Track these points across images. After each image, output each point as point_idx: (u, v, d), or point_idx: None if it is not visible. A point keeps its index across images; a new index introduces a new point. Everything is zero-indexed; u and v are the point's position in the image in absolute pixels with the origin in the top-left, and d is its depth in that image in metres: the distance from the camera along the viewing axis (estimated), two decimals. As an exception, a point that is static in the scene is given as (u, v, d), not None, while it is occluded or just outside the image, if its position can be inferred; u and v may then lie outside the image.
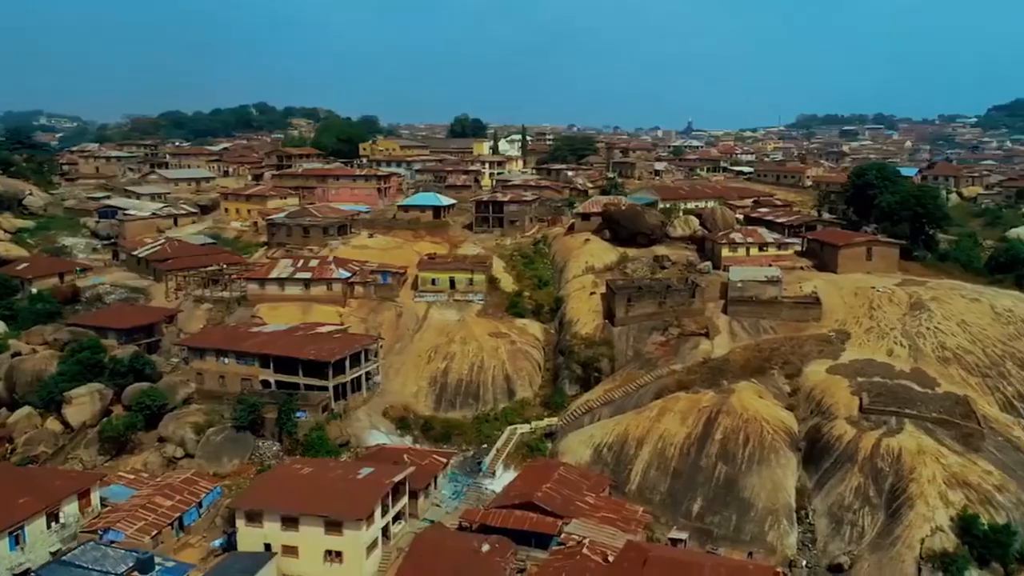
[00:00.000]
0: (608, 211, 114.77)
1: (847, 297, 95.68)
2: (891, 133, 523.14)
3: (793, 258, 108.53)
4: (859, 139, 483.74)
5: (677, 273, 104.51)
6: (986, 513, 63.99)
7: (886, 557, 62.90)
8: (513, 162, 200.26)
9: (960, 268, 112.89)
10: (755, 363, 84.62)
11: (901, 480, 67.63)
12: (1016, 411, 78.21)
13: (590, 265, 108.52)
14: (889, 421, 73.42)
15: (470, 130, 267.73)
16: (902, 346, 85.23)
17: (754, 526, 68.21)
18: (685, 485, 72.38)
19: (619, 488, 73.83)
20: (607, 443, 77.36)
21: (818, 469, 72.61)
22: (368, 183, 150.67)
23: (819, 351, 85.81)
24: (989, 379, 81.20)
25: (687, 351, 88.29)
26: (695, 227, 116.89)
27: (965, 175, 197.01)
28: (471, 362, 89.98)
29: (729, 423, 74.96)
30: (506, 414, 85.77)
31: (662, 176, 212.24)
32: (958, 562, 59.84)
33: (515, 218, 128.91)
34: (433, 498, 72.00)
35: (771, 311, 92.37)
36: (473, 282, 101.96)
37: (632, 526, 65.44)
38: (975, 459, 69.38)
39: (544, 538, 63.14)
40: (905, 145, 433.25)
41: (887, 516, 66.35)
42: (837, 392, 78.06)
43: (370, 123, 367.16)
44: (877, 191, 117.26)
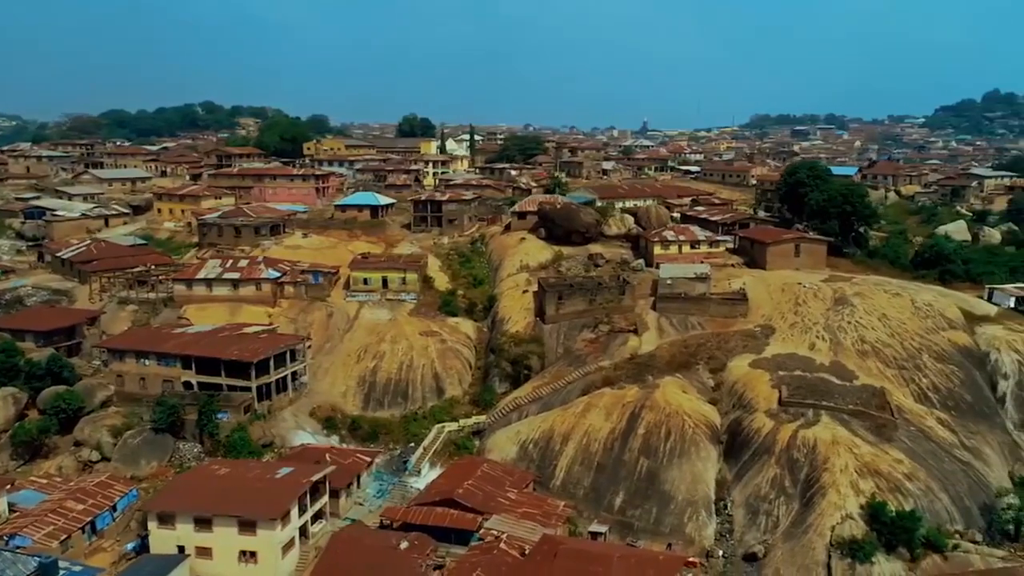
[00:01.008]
0: (543, 210, 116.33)
1: (774, 293, 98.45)
2: (841, 133, 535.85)
3: (725, 255, 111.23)
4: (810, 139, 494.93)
5: (611, 271, 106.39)
6: (895, 500, 66.67)
7: (798, 545, 65.17)
8: (459, 161, 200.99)
9: (888, 264, 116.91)
10: (681, 358, 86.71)
11: (815, 470, 70.11)
12: (930, 402, 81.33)
13: (525, 263, 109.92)
14: (807, 413, 75.98)
15: (419, 129, 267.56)
16: (824, 340, 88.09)
17: (674, 518, 70.06)
18: (608, 479, 73.97)
19: (544, 484, 75.11)
20: (533, 439, 78.67)
21: (738, 461, 74.87)
22: (306, 183, 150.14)
23: (744, 346, 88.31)
24: (906, 371, 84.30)
25: (616, 348, 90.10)
26: (630, 225, 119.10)
27: (903, 174, 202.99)
28: (400, 361, 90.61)
29: (652, 418, 76.78)
30: (435, 412, 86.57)
31: (609, 175, 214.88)
32: (865, 548, 62.20)
33: (454, 217, 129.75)
34: (356, 497, 72.51)
35: (699, 307, 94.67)
36: (406, 281, 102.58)
37: (553, 520, 66.66)
38: (887, 449, 72.20)
39: (464, 534, 64.15)
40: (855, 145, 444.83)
41: (801, 505, 68.78)
42: (758, 386, 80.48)
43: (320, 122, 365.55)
44: (808, 189, 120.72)
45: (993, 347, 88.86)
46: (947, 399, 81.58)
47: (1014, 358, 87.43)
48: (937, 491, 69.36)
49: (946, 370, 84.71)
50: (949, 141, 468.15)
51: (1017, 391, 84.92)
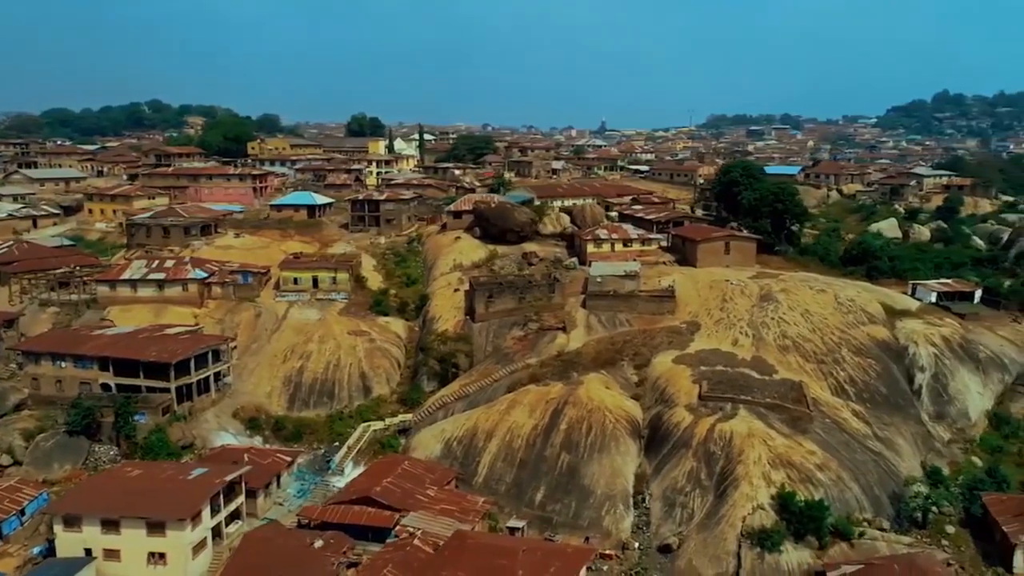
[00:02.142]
0: (478, 209, 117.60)
1: (702, 290, 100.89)
2: (795, 133, 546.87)
3: (658, 253, 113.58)
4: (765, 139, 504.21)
5: (544, 269, 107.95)
6: (806, 490, 69.00)
7: (711, 536, 67.12)
8: (404, 161, 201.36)
9: (818, 261, 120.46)
10: (607, 355, 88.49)
11: (730, 463, 72.17)
12: (846, 394, 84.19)
13: (458, 263, 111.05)
14: (725, 407, 78.07)
15: (368, 129, 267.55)
16: (747, 336, 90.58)
17: (592, 512, 71.59)
18: (530, 475, 75.30)
19: (467, 481, 76.17)
20: (457, 437, 79.74)
21: (657, 455, 76.72)
22: (243, 182, 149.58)
23: (669, 342, 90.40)
24: (824, 365, 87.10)
25: (544, 345, 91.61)
26: (566, 224, 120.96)
27: (845, 173, 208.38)
28: (327, 361, 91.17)
29: (574, 414, 78.32)
30: (361, 412, 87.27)
31: (559, 175, 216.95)
32: (773, 537, 64.29)
33: (392, 217, 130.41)
34: (276, 497, 72.92)
35: (628, 305, 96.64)
36: (337, 281, 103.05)
37: (471, 517, 67.77)
38: (801, 440, 74.58)
39: (381, 532, 64.98)
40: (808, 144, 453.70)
41: (716, 497, 70.75)
42: (680, 381, 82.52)
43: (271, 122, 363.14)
44: (741, 188, 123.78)
45: (912, 341, 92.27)
46: (863, 391, 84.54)
47: (931, 351, 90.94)
48: (848, 481, 71.86)
49: (864, 363, 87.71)
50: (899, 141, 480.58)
51: (933, 383, 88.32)
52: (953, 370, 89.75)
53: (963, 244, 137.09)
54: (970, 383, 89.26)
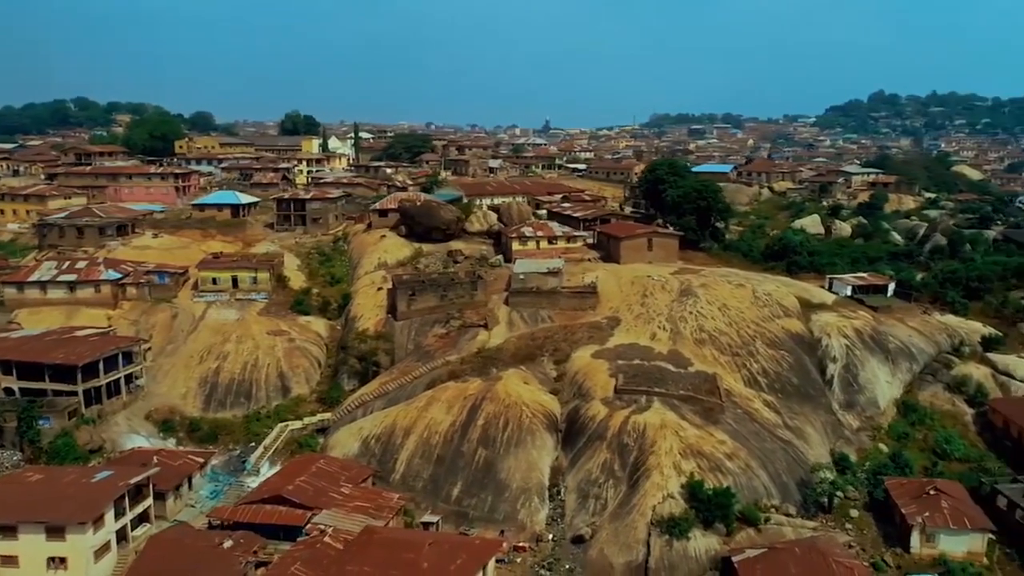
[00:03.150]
0: (404, 207, 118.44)
1: (624, 286, 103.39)
2: (736, 132, 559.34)
3: (583, 250, 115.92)
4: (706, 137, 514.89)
5: (469, 267, 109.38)
6: (715, 479, 71.69)
7: (622, 525, 69.22)
8: (337, 160, 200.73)
9: (741, 257, 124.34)
10: (527, 351, 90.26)
11: (643, 454, 74.43)
12: (759, 385, 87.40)
13: (383, 261, 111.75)
14: (640, 400, 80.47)
15: (302, 127, 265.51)
16: (664, 330, 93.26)
17: (508, 505, 73.19)
18: (447, 471, 76.55)
19: (384, 478, 77.11)
20: (375, 435, 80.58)
21: (574, 448, 78.67)
22: (165, 181, 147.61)
23: (589, 337, 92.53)
24: (739, 357, 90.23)
25: (465, 342, 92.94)
26: (492, 222, 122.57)
27: (776, 171, 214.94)
28: (245, 361, 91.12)
29: (492, 409, 79.81)
30: (279, 412, 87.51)
31: (496, 173, 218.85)
32: (681, 525, 66.66)
33: (318, 216, 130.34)
34: (187, 499, 72.80)
35: (550, 301, 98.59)
36: (257, 280, 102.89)
37: (385, 513, 68.70)
38: (712, 431, 77.38)
39: (293, 530, 65.53)
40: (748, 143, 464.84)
41: (628, 487, 72.91)
42: (597, 375, 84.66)
43: (204, 119, 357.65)
44: (666, 186, 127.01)
45: (825, 333, 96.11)
46: (775, 382, 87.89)
47: (843, 343, 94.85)
48: (756, 469, 74.82)
49: (777, 355, 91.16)
50: (836, 140, 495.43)
51: (844, 373, 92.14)
52: (863, 360, 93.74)
53: (882, 239, 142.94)
54: (879, 373, 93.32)
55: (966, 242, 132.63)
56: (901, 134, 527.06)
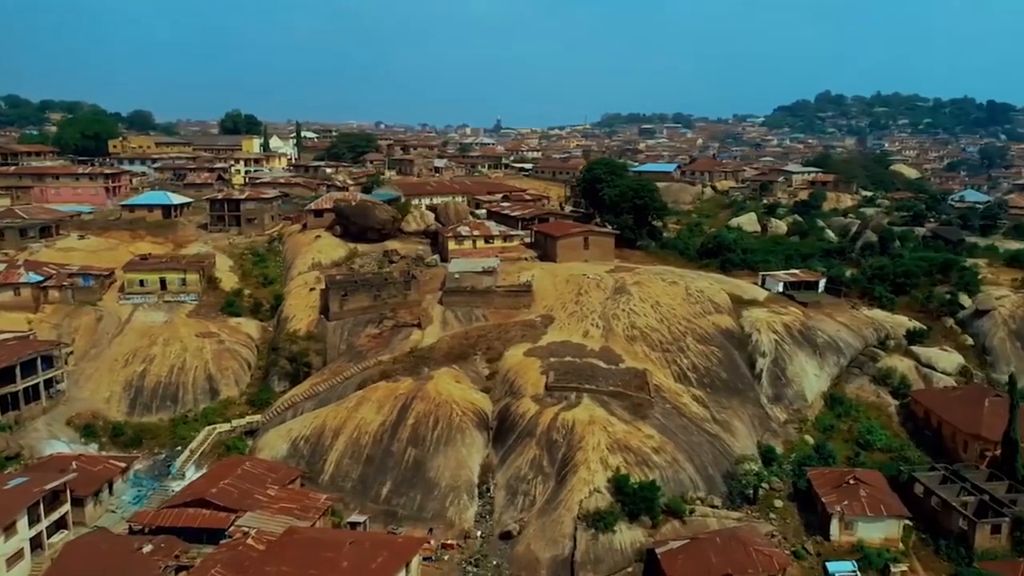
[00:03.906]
0: (339, 207, 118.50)
1: (559, 284, 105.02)
2: (686, 132, 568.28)
3: (520, 249, 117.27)
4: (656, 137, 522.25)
5: (405, 267, 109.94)
6: (641, 473, 73.40)
7: (549, 520, 70.55)
8: (276, 159, 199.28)
9: (677, 255, 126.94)
10: (459, 350, 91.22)
11: (571, 449, 75.94)
12: (688, 380, 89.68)
13: (317, 261, 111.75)
14: (570, 396, 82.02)
15: (243, 126, 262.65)
16: (597, 327, 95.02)
17: (437, 503, 74.06)
18: (376, 471, 77.13)
19: (313, 479, 77.32)
20: (304, 436, 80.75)
21: (504, 445, 79.87)
22: (94, 182, 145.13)
23: (522, 335, 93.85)
24: (669, 353, 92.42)
25: (398, 342, 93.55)
26: (429, 222, 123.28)
27: (718, 170, 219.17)
28: (172, 364, 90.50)
29: (422, 408, 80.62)
30: (207, 414, 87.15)
31: (442, 172, 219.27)
32: (607, 518, 68.26)
33: (253, 216, 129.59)
34: (108, 504, 72.17)
35: (485, 300, 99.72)
36: (186, 282, 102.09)
37: (311, 513, 68.98)
38: (640, 426, 79.21)
39: (216, 533, 65.40)
40: (697, 143, 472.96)
41: (556, 483, 74.35)
42: (528, 373, 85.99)
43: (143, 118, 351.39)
44: (604, 185, 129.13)
45: (755, 328, 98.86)
46: (704, 377, 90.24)
47: (772, 338, 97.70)
48: (683, 462, 76.86)
49: (707, 351, 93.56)
50: (784, 140, 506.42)
51: (772, 368, 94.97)
52: (792, 355, 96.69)
53: (817, 237, 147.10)
54: (807, 367, 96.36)
55: (896, 239, 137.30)
56: (847, 134, 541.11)
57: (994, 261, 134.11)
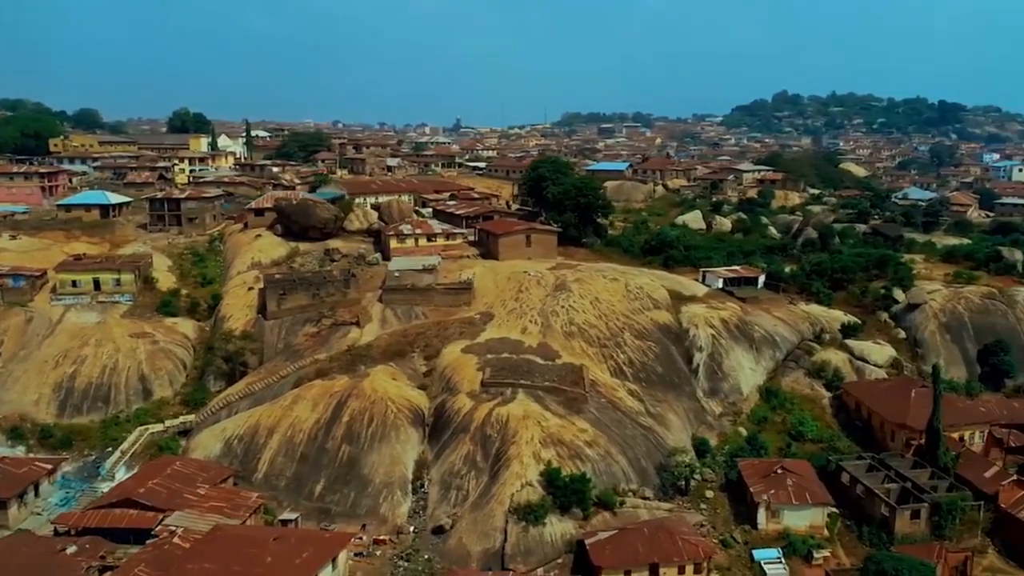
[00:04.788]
0: (279, 206, 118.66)
1: (501, 282, 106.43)
2: (645, 131, 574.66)
3: (463, 247, 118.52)
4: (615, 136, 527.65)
5: (346, 265, 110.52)
6: (574, 466, 75.04)
7: (481, 514, 71.85)
8: (223, 158, 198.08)
9: (621, 252, 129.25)
10: (397, 347, 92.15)
11: (505, 444, 77.31)
12: (624, 375, 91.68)
13: (257, 260, 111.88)
14: (506, 392, 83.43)
15: (191, 125, 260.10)
16: (535, 324, 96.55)
17: (370, 500, 74.98)
18: (310, 468, 77.78)
19: (247, 478, 77.70)
20: (238, 435, 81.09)
21: (439, 441, 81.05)
22: (30, 181, 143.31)
23: (460, 333, 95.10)
24: (606, 348, 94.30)
25: (336, 340, 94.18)
26: (373, 220, 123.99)
27: (670, 169, 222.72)
28: (104, 365, 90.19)
29: (357, 406, 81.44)
30: (139, 415, 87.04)
31: (394, 171, 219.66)
32: (538, 511, 69.71)
33: (194, 215, 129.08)
34: (33, 507, 71.90)
35: (425, 298, 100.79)
36: (121, 282, 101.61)
37: (241, 512, 69.46)
38: (575, 420, 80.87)
39: (143, 533, 65.60)
40: (656, 142, 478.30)
41: (489, 478, 75.69)
42: (465, 369, 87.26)
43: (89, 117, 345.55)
44: (548, 183, 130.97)
45: (693, 324, 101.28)
46: (640, 372, 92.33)
47: (709, 333, 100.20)
48: (616, 455, 78.70)
49: (644, 346, 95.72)
50: (741, 139, 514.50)
51: (709, 362, 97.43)
52: (728, 349, 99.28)
53: (760, 234, 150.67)
54: (743, 361, 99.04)
55: (836, 235, 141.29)
56: (803, 133, 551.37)
57: (931, 257, 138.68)
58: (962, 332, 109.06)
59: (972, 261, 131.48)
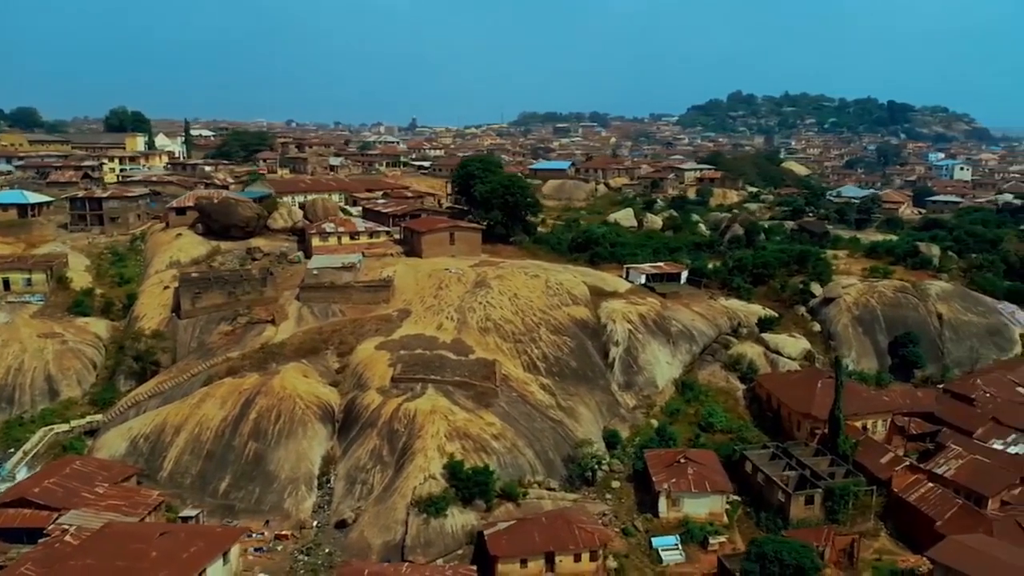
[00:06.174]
0: (200, 204, 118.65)
1: (422, 279, 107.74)
2: (601, 130, 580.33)
3: (388, 245, 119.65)
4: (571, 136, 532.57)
5: (268, 264, 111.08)
6: (479, 459, 76.55)
7: (384, 507, 73.13)
8: (157, 157, 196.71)
9: (550, 249, 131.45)
10: (311, 345, 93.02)
11: (411, 438, 78.67)
12: (537, 370, 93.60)
13: (176, 259, 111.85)
14: (415, 388, 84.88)
15: (129, 124, 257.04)
16: (452, 320, 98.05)
17: (275, 496, 75.86)
18: (216, 466, 78.42)
19: (152, 476, 78.14)
20: (144, 434, 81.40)
21: (347, 437, 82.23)
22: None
23: (376, 330, 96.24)
24: (521, 344, 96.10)
25: (251, 339, 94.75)
26: (297, 218, 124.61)
27: (612, 168, 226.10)
28: (8, 365, 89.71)
29: (265, 403, 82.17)
30: (45, 416, 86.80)
31: (337, 171, 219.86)
32: (439, 503, 71.17)
33: (116, 215, 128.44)
34: (-75, 510, 71.43)
35: (343, 295, 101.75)
36: (32, 282, 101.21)
37: (140, 510, 69.92)
38: (483, 414, 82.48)
39: (36, 532, 65.92)
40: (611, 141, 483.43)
41: (395, 472, 77.11)
42: (377, 365, 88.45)
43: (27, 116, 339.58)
44: (476, 182, 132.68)
45: (610, 319, 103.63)
46: (553, 366, 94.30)
47: (626, 327, 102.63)
48: (523, 447, 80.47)
49: (559, 341, 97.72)
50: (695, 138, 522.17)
51: (625, 356, 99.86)
52: (645, 344, 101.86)
53: (690, 231, 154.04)
54: (659, 355, 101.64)
55: (761, 232, 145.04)
56: (756, 132, 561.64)
57: (854, 252, 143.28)
58: (874, 325, 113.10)
59: (892, 256, 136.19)
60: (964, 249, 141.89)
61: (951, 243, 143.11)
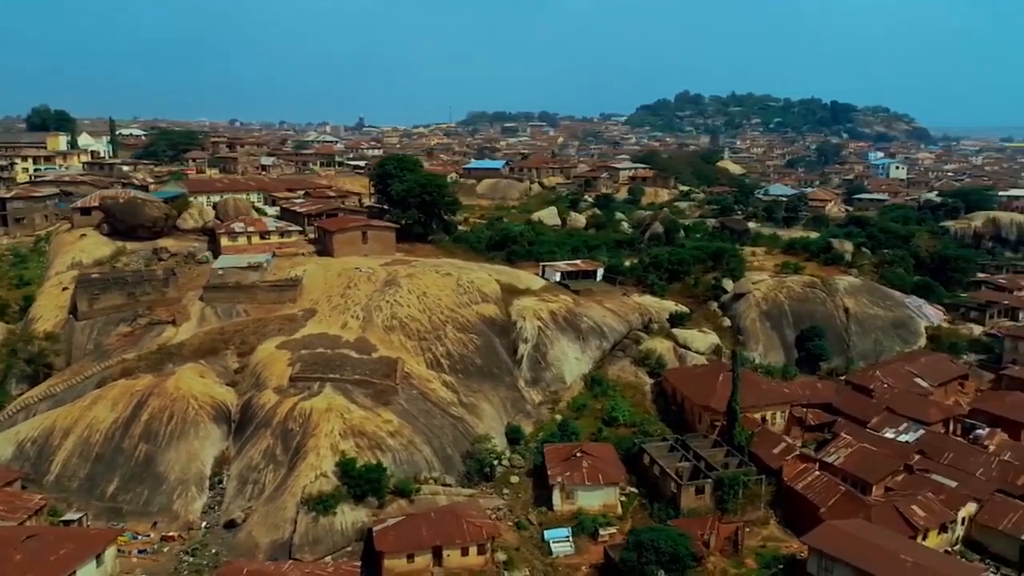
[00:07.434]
0: (106, 204, 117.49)
1: (331, 278, 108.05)
2: (549, 130, 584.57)
3: (300, 244, 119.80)
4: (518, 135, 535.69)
5: (173, 264, 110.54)
6: (373, 456, 77.35)
7: (274, 506, 73.48)
8: (75, 157, 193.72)
9: (468, 248, 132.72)
10: (210, 345, 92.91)
11: (305, 437, 79.24)
12: (441, 367, 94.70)
13: (78, 261, 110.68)
14: (313, 386, 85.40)
15: (52, 123, 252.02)
16: (357, 319, 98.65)
17: (164, 497, 75.75)
18: (105, 468, 77.98)
19: (38, 481, 77.31)
20: (31, 438, 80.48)
21: (242, 437, 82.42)
22: None
23: (279, 329, 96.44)
24: (426, 342, 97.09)
25: (150, 340, 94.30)
26: (208, 218, 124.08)
27: (547, 167, 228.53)
28: None
29: (158, 404, 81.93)
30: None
31: (269, 170, 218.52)
32: (328, 501, 71.75)
33: (21, 216, 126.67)
34: None
35: (248, 295, 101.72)
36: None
37: (19, 514, 69.29)
38: (381, 411, 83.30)
39: (-95, 541, 65.19)
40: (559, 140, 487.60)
41: (287, 471, 77.58)
42: (276, 365, 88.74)
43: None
44: (394, 180, 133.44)
45: (521, 316, 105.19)
46: (458, 364, 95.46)
47: (535, 324, 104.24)
48: (420, 444, 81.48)
49: (465, 339, 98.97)
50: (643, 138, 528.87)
51: (533, 353, 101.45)
52: (554, 340, 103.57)
53: (613, 229, 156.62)
54: (568, 351, 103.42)
55: (680, 230, 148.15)
56: (703, 132, 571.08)
57: (772, 249, 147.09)
58: (782, 319, 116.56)
59: (808, 252, 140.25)
60: (877, 245, 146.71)
61: (864, 240, 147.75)
